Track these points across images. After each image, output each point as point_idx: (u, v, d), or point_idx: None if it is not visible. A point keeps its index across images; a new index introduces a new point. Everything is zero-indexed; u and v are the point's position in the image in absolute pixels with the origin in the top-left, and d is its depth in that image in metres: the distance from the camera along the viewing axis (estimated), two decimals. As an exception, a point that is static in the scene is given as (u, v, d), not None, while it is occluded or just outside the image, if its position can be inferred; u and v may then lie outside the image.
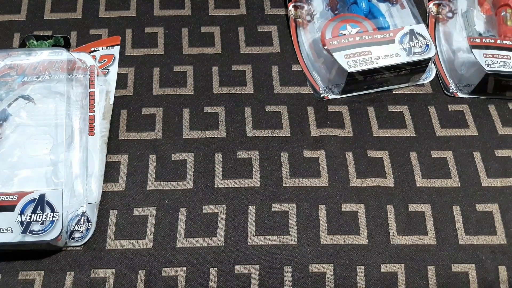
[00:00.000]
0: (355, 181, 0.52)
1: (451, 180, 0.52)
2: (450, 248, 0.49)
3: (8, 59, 0.54)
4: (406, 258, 0.48)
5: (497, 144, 0.55)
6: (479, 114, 0.57)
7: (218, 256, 0.47)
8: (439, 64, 0.60)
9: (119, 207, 0.50)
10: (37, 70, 0.54)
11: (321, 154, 0.53)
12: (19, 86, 0.53)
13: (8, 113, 0.52)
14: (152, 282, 0.46)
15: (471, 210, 0.51)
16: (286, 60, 0.60)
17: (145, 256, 0.47)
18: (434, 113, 0.57)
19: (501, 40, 0.57)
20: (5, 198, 0.46)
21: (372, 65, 0.54)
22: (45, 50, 0.55)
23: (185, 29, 0.62)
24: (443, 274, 0.47)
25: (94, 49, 0.59)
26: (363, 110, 0.57)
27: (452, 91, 0.59)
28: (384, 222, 0.50)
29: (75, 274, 0.46)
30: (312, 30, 0.62)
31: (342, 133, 0.55)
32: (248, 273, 0.47)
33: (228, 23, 0.63)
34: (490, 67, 0.55)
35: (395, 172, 0.53)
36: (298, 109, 0.56)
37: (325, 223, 0.49)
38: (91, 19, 0.63)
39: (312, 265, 0.47)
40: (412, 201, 0.51)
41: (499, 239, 0.49)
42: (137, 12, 0.64)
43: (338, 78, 0.57)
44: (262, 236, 0.48)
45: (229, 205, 0.50)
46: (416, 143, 0.55)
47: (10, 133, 0.51)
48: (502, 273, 0.47)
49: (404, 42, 0.56)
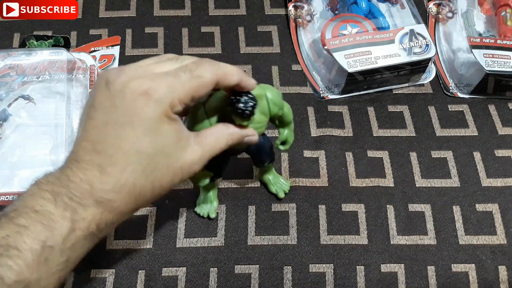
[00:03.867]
0: (355, 181, 0.52)
1: (451, 180, 0.52)
2: (450, 248, 0.49)
3: (8, 59, 0.54)
4: (406, 258, 0.48)
5: (497, 144, 0.55)
6: (479, 114, 0.57)
7: (218, 256, 0.47)
8: (439, 64, 0.60)
9: (119, 207, 0.50)
10: (37, 70, 0.54)
11: (321, 154, 0.53)
12: (19, 86, 0.53)
13: (8, 113, 0.52)
14: (152, 282, 0.46)
15: (471, 210, 0.51)
16: (286, 60, 0.60)
17: (145, 256, 0.47)
18: (434, 113, 0.57)
19: (501, 40, 0.57)
20: (5, 198, 0.46)
21: (372, 65, 0.54)
22: (45, 50, 0.55)
23: (185, 29, 0.62)
24: (443, 274, 0.47)
25: (94, 49, 0.59)
26: (363, 110, 0.57)
27: (452, 91, 0.59)
28: (384, 222, 0.50)
29: (76, 274, 0.46)
30: (312, 30, 0.62)
31: (342, 133, 0.55)
32: (248, 273, 0.47)
33: (228, 23, 0.63)
34: (490, 67, 0.55)
35: (395, 172, 0.53)
36: (298, 109, 0.56)
37: (325, 223, 0.49)
38: (91, 19, 0.63)
39: (312, 265, 0.47)
40: (412, 201, 0.51)
41: (499, 239, 0.49)
42: (137, 12, 0.64)
43: (338, 78, 0.57)
44: (262, 236, 0.48)
45: (229, 205, 0.50)
46: (416, 143, 0.55)
47: (10, 133, 0.51)
48: (502, 273, 0.47)
49: (404, 42, 0.56)
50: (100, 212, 0.30)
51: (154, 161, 0.31)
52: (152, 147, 0.31)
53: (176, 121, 0.32)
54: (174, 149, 0.32)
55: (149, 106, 0.30)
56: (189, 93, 0.32)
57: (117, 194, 0.30)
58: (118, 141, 0.30)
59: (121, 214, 0.32)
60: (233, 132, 0.36)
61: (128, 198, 0.31)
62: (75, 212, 0.29)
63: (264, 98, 0.37)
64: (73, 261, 0.30)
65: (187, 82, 0.32)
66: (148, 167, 0.31)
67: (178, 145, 0.32)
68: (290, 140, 0.44)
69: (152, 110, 0.30)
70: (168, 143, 0.31)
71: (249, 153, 0.45)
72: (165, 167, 0.32)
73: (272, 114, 0.39)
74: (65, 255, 0.29)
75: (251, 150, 0.44)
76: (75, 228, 0.29)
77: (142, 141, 0.30)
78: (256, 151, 0.44)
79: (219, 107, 0.36)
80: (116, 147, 0.30)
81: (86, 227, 0.30)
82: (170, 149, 0.32)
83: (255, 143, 0.38)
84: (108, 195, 0.30)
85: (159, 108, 0.30)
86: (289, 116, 0.41)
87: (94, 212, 0.30)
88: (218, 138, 0.35)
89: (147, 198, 0.32)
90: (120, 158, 0.30)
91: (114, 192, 0.30)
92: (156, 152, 0.31)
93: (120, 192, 0.30)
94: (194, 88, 0.32)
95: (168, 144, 0.32)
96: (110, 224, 0.31)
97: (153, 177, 0.31)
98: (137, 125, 0.30)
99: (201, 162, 0.34)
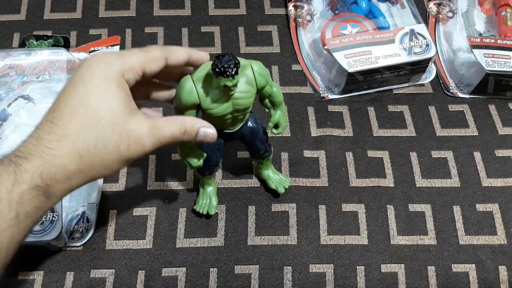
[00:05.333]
0: (355, 181, 0.52)
1: (451, 180, 0.52)
2: (450, 248, 0.48)
3: (8, 59, 0.54)
4: (406, 258, 0.48)
5: (497, 144, 0.55)
6: (479, 114, 0.57)
7: (218, 256, 0.47)
8: (439, 64, 0.60)
9: (119, 207, 0.50)
10: (37, 70, 0.54)
11: (321, 154, 0.53)
12: (19, 86, 0.53)
13: (7, 113, 0.52)
14: (152, 282, 0.46)
15: (471, 210, 0.51)
16: (286, 60, 0.60)
17: (145, 256, 0.47)
18: (434, 113, 0.57)
19: (501, 40, 0.57)
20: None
21: (372, 65, 0.54)
22: (45, 50, 0.55)
23: (185, 29, 0.62)
24: (443, 274, 0.47)
25: (94, 49, 0.59)
26: (363, 110, 0.57)
27: (452, 91, 0.58)
28: (384, 222, 0.50)
29: (75, 274, 0.46)
30: (312, 30, 0.62)
31: (342, 133, 0.55)
32: (248, 273, 0.47)
33: (228, 23, 0.63)
34: (490, 67, 0.55)
35: (395, 172, 0.52)
36: (298, 109, 0.56)
37: (325, 223, 0.49)
38: (91, 19, 0.63)
39: (312, 265, 0.47)
40: (412, 201, 0.51)
41: (499, 239, 0.49)
42: (137, 12, 0.64)
43: (338, 78, 0.57)
44: (262, 236, 0.48)
45: (229, 205, 0.50)
46: (416, 143, 0.55)
47: (10, 133, 0.51)
48: (502, 273, 0.47)
49: (404, 42, 0.56)
50: (41, 163, 0.31)
51: (98, 115, 0.32)
52: (97, 101, 0.32)
53: (125, 88, 0.33)
54: (120, 111, 0.33)
55: (99, 67, 0.33)
56: (138, 63, 0.34)
57: (59, 142, 0.31)
58: (70, 98, 0.32)
59: (66, 170, 0.31)
60: (187, 120, 0.36)
61: (71, 150, 0.31)
62: (18, 166, 0.30)
63: (249, 68, 0.38)
64: (24, 220, 0.30)
65: (136, 54, 0.34)
66: (92, 120, 0.32)
67: (124, 109, 0.33)
68: (282, 123, 0.44)
69: (101, 70, 0.33)
70: (115, 104, 0.32)
71: (243, 139, 0.45)
72: (110, 126, 0.32)
73: (259, 87, 0.39)
74: (14, 210, 0.30)
75: (245, 135, 0.44)
76: (18, 180, 0.30)
77: (90, 96, 0.32)
78: (249, 135, 0.44)
79: (205, 75, 0.36)
80: (66, 102, 0.32)
81: (29, 180, 0.30)
82: (116, 110, 0.32)
83: (211, 140, 0.37)
84: (50, 144, 0.31)
85: (108, 68, 0.33)
86: (279, 96, 0.42)
87: (36, 163, 0.30)
88: (169, 121, 0.35)
89: (92, 160, 0.32)
90: (68, 111, 0.32)
91: (57, 141, 0.31)
92: (102, 107, 0.32)
93: (62, 141, 0.31)
94: (144, 59, 0.34)
95: (114, 105, 0.32)
96: (56, 181, 0.31)
97: (96, 132, 0.32)
98: (88, 84, 0.32)
99: (151, 139, 0.34)
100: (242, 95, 0.37)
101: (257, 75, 0.38)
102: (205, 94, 0.37)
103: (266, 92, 0.40)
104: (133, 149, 0.33)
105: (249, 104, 0.39)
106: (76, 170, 0.32)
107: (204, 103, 0.37)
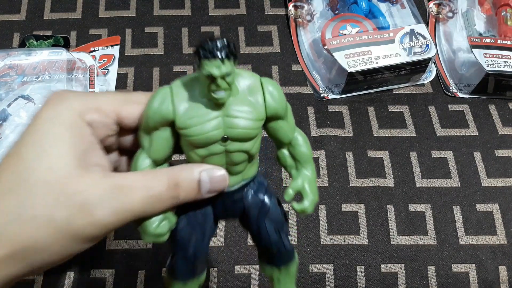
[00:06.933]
0: (355, 181, 0.52)
1: (451, 180, 0.52)
2: (450, 248, 0.48)
3: (8, 59, 0.54)
4: (406, 258, 0.48)
5: (497, 144, 0.55)
6: (479, 114, 0.57)
7: (218, 256, 0.47)
8: (439, 64, 0.60)
9: (119, 207, 0.50)
10: (36, 70, 0.54)
11: (321, 154, 0.53)
12: (19, 86, 0.53)
13: (7, 113, 0.52)
14: (152, 282, 0.46)
15: (471, 210, 0.51)
16: (286, 60, 0.60)
17: (145, 256, 0.47)
18: (434, 113, 0.57)
19: (501, 40, 0.57)
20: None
21: (372, 65, 0.54)
22: (45, 50, 0.55)
23: (185, 29, 0.62)
24: (443, 274, 0.47)
25: (94, 49, 0.59)
26: (363, 110, 0.57)
27: (452, 91, 0.58)
28: (384, 222, 0.50)
29: (75, 274, 0.46)
30: (312, 30, 0.62)
31: (342, 133, 0.55)
32: (248, 273, 0.47)
33: (228, 23, 0.63)
34: (490, 67, 0.55)
35: (395, 172, 0.52)
36: (298, 109, 0.56)
37: (325, 223, 0.49)
38: (91, 19, 0.63)
39: (312, 265, 0.47)
40: (412, 201, 0.51)
41: (499, 239, 0.49)
42: (137, 12, 0.64)
43: (338, 78, 0.57)
44: (262, 236, 0.48)
45: (229, 205, 0.50)
46: (416, 143, 0.55)
47: (10, 133, 0.51)
48: (502, 273, 0.47)
49: (404, 42, 0.56)
50: None
51: (28, 170, 0.23)
52: (33, 149, 0.23)
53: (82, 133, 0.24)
54: (62, 164, 0.23)
55: (50, 104, 0.24)
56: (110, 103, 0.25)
57: None
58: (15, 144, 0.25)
59: None
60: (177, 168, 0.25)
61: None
62: None
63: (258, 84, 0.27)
64: None
65: (111, 93, 0.27)
66: (21, 177, 0.23)
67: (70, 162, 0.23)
68: (309, 193, 0.28)
69: (51, 108, 0.24)
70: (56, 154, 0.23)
71: (245, 219, 0.29)
72: (44, 186, 0.23)
73: (270, 113, 0.26)
74: None
75: (247, 208, 0.28)
76: None
77: (26, 141, 0.24)
78: (254, 211, 0.28)
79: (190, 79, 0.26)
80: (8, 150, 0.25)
81: None
82: (57, 162, 0.23)
83: (222, 185, 0.25)
84: None
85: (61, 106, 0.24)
86: (304, 147, 0.29)
87: None
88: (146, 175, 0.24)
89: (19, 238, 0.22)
90: (3, 163, 0.24)
91: None
92: (37, 157, 0.23)
93: None
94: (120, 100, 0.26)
95: (56, 155, 0.23)
96: None
97: (23, 194, 0.23)
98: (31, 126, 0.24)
99: (107, 206, 0.23)
100: (240, 114, 0.25)
101: (268, 95, 0.26)
102: (184, 106, 0.25)
103: (280, 130, 0.28)
104: (78, 221, 0.23)
105: (250, 135, 0.26)
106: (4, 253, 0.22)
107: (179, 118, 0.25)
